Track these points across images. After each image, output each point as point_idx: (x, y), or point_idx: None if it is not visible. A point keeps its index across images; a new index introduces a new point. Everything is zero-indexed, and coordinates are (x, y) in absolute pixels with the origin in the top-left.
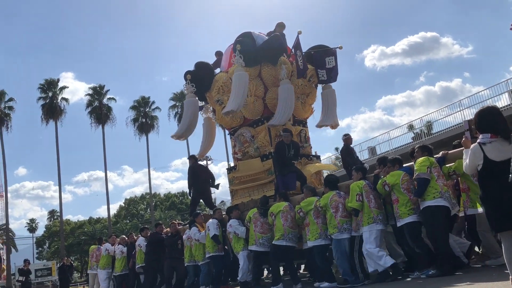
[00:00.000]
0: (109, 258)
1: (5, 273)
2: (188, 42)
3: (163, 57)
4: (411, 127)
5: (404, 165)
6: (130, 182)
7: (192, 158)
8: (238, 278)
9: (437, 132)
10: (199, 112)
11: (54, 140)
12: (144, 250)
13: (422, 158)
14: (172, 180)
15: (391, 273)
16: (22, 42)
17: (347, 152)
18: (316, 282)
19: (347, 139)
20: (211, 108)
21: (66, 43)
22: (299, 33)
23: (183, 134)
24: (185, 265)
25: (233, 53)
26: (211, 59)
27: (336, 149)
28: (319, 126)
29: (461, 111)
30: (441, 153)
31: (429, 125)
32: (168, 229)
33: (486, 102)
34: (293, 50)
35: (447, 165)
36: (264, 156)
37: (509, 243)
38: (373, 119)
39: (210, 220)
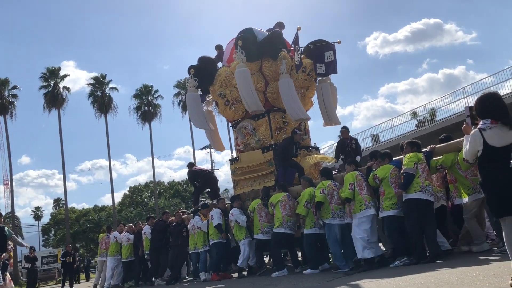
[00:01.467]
0: (117, 245)
1: (11, 260)
2: (189, 30)
3: (164, 45)
4: (414, 114)
5: (394, 158)
6: (133, 171)
7: (190, 166)
8: (238, 264)
9: (440, 119)
10: (202, 104)
11: (56, 129)
12: (149, 237)
13: (411, 154)
14: (175, 168)
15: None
16: (24, 30)
17: (339, 146)
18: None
19: (342, 132)
20: (214, 101)
21: (67, 32)
22: (299, 29)
23: (201, 126)
24: (190, 252)
25: (235, 49)
26: (211, 47)
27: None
28: (325, 125)
29: (465, 98)
30: (428, 147)
31: (432, 112)
32: (173, 218)
33: (490, 89)
34: (292, 45)
35: (434, 159)
36: (265, 148)
37: (510, 229)
38: (376, 106)
39: (214, 210)
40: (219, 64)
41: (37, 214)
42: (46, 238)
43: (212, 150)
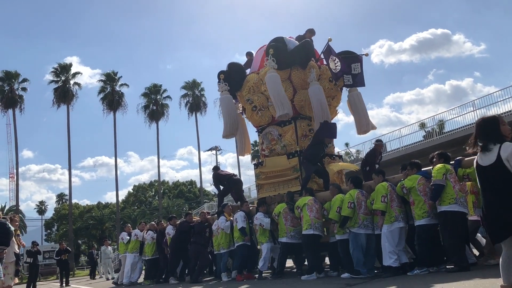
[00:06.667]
0: (137, 243)
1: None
2: (192, 30)
3: (167, 45)
4: (422, 125)
5: (422, 169)
6: (135, 169)
7: (215, 169)
8: (259, 267)
9: (449, 131)
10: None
11: (60, 124)
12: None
13: (439, 165)
14: (178, 169)
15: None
16: (27, 25)
17: (371, 156)
18: (332, 271)
19: (377, 145)
20: (241, 106)
21: (71, 28)
22: (330, 40)
23: (231, 132)
24: (214, 253)
25: (266, 57)
26: (214, 48)
27: (346, 144)
28: (360, 133)
29: (474, 111)
30: (459, 157)
31: (441, 124)
32: (197, 218)
33: (499, 104)
34: (322, 55)
35: (463, 169)
36: (290, 154)
37: (509, 251)
38: (381, 115)
39: (238, 213)
40: (247, 71)
41: (41, 208)
42: (49, 233)
43: (219, 152)
